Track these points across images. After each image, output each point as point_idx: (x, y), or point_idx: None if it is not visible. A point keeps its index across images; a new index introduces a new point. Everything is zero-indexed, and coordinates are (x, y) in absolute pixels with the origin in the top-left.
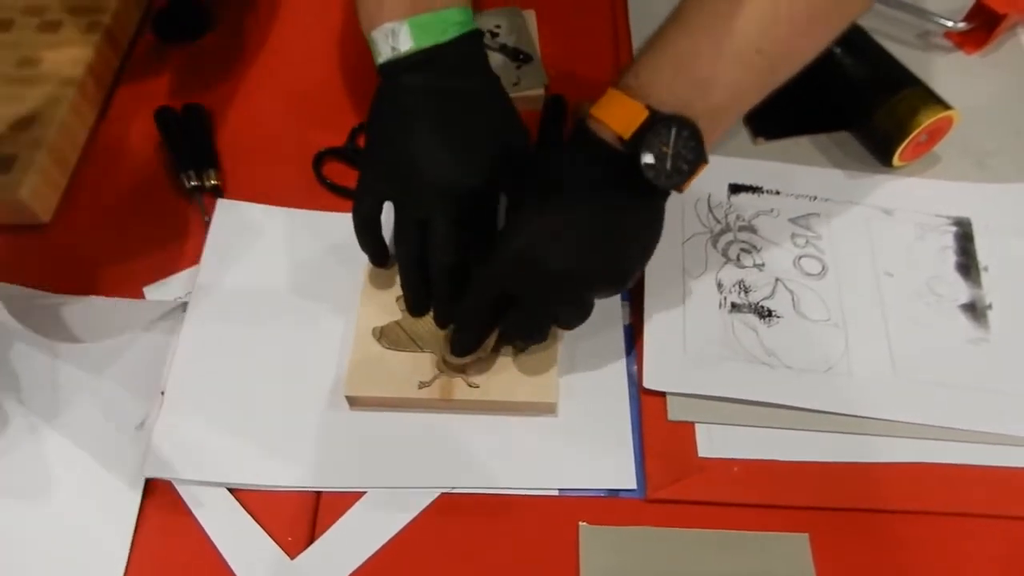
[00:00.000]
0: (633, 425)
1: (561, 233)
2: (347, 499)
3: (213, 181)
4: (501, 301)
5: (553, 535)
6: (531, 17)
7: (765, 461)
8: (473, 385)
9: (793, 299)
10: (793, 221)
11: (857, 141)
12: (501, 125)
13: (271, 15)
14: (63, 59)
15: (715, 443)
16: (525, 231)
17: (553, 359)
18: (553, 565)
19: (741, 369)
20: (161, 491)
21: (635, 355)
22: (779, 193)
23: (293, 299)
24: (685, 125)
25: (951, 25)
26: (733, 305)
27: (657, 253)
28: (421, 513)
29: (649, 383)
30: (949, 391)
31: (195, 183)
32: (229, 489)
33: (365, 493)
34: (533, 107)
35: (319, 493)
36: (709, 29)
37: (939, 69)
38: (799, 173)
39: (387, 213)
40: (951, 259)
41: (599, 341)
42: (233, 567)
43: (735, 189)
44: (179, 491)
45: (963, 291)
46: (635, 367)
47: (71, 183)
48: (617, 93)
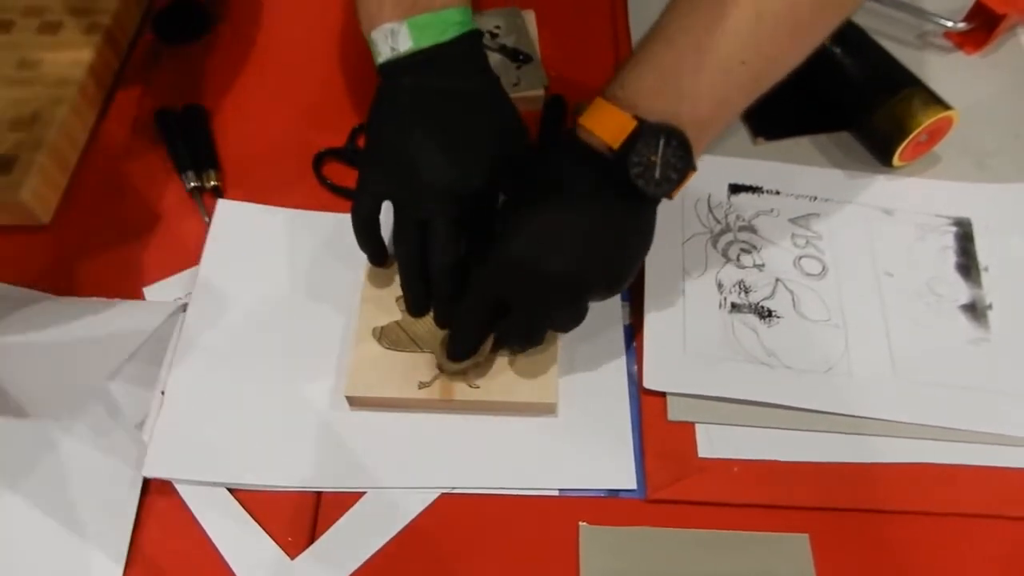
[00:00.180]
0: (633, 425)
1: (556, 238)
2: (347, 499)
3: (213, 182)
4: (497, 306)
5: (553, 535)
6: (531, 17)
7: (765, 461)
8: (473, 385)
9: (793, 299)
10: (793, 221)
11: (857, 141)
12: (501, 125)
13: (271, 16)
14: (63, 60)
15: (715, 443)
16: (520, 236)
17: (553, 359)
18: (553, 565)
19: (741, 369)
20: (161, 491)
21: (635, 355)
22: (779, 193)
23: (293, 299)
24: (673, 134)
25: (951, 25)
26: (733, 305)
27: (657, 253)
28: (421, 513)
29: (649, 383)
30: (949, 391)
31: (195, 183)
32: (229, 489)
33: (365, 493)
34: (533, 107)
35: (319, 493)
36: (693, 41)
37: (939, 69)
38: (799, 173)
39: (386, 213)
40: (951, 259)
41: (599, 341)
42: (233, 567)
43: (735, 189)
44: (179, 491)
45: (963, 291)
46: (635, 367)
47: (71, 184)
48: (605, 103)
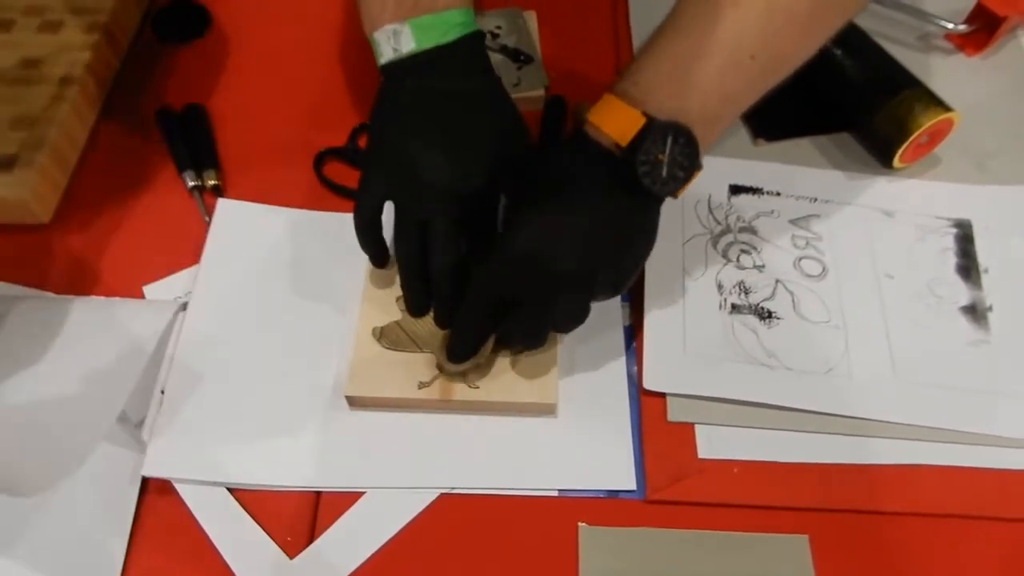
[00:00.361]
0: (633, 426)
1: (561, 236)
2: (347, 499)
3: (213, 181)
4: (499, 306)
5: (552, 536)
6: (531, 18)
7: (765, 462)
8: (473, 386)
9: (793, 300)
10: (793, 222)
11: (857, 142)
12: (502, 126)
13: (271, 15)
14: (64, 59)
15: (715, 444)
16: (525, 233)
17: (553, 360)
18: (552, 566)
19: (741, 370)
20: (160, 490)
21: (635, 356)
22: (779, 194)
23: (293, 299)
24: (681, 132)
25: (952, 27)
26: (733, 306)
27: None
28: (421, 513)
29: (649, 384)
30: (949, 393)
31: (195, 183)
32: (228, 489)
33: (364, 493)
34: (534, 108)
35: (318, 493)
36: (704, 36)
37: (940, 71)
38: (799, 174)
39: (387, 213)
40: (951, 261)
41: (599, 342)
42: (232, 567)
43: (735, 190)
44: (178, 490)
45: (963, 293)
46: (635, 368)
47: (71, 183)
48: (614, 99)
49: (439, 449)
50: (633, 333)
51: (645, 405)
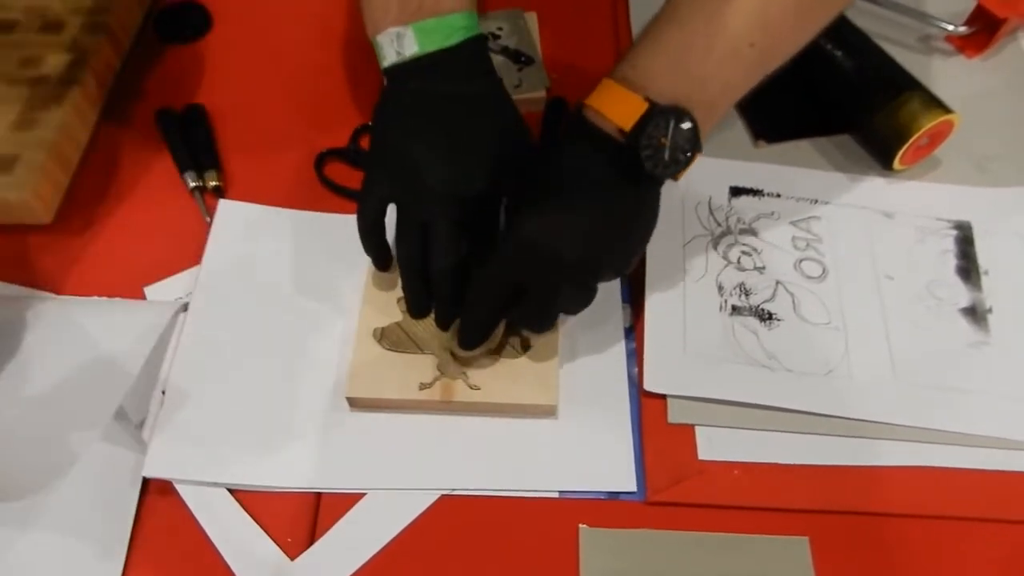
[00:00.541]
0: (633, 427)
1: (569, 222)
2: (347, 500)
3: (214, 182)
4: (508, 293)
5: (553, 537)
6: (532, 19)
7: (765, 464)
8: (474, 387)
9: (793, 302)
10: (794, 224)
11: (858, 144)
12: (504, 128)
13: (273, 15)
14: (65, 59)
15: (715, 446)
16: (534, 221)
17: (554, 361)
18: (553, 567)
19: (741, 372)
20: (161, 491)
21: (635, 357)
22: (780, 196)
23: (294, 300)
24: (683, 116)
25: (952, 29)
26: (734, 308)
27: (658, 255)
28: (421, 515)
29: (649, 385)
30: (949, 394)
31: (196, 183)
32: (229, 489)
33: (365, 494)
34: (535, 109)
35: (319, 494)
36: (704, 24)
37: (940, 73)
38: (800, 176)
39: (389, 215)
40: (951, 262)
41: (600, 343)
42: (233, 568)
43: (736, 192)
44: (179, 491)
45: (963, 294)
46: (635, 369)
47: (73, 183)
48: (614, 84)
49: (440, 450)
50: (633, 334)
51: (645, 406)
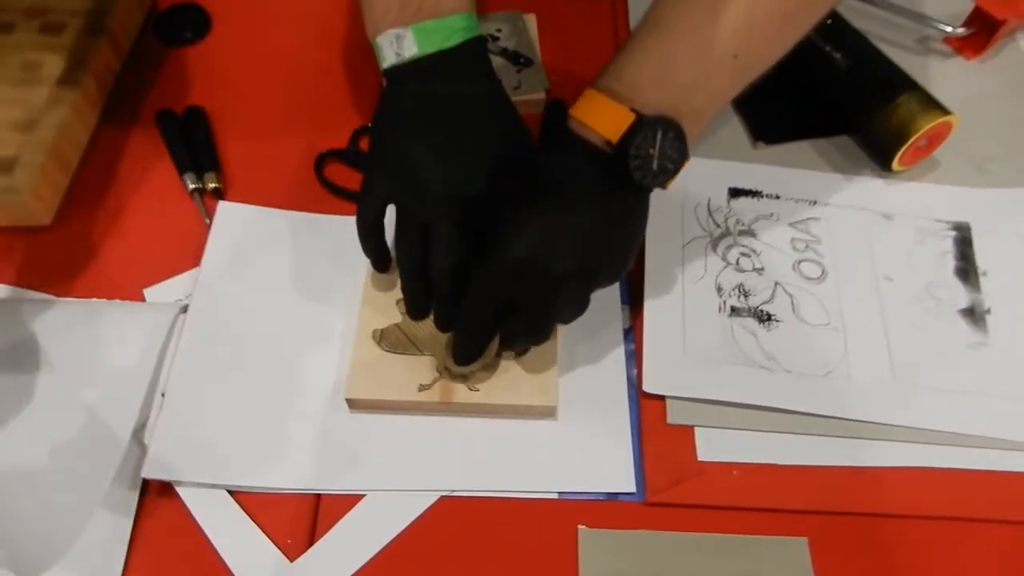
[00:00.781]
0: (632, 428)
1: (558, 237)
2: (347, 502)
3: (214, 183)
4: (501, 307)
5: (552, 538)
6: (532, 21)
7: (764, 465)
8: (473, 388)
9: (792, 303)
10: (793, 225)
11: (856, 145)
12: (504, 130)
13: (272, 17)
14: (65, 61)
15: (714, 447)
16: (523, 235)
17: (553, 362)
18: (552, 568)
19: (740, 373)
20: (160, 493)
21: (635, 359)
22: (779, 197)
23: (293, 301)
24: (670, 126)
25: (950, 30)
26: (733, 309)
27: (657, 256)
28: (421, 516)
29: (648, 387)
30: (948, 395)
31: (196, 185)
32: (229, 491)
33: (365, 496)
34: (534, 110)
35: (319, 496)
36: (688, 35)
37: (938, 74)
38: (799, 177)
39: (388, 216)
40: (950, 263)
41: (599, 344)
42: (232, 569)
43: (735, 193)
44: (178, 493)
45: (962, 295)
46: (635, 371)
47: (72, 185)
48: (599, 95)
49: (439, 451)
50: (633, 336)
51: (645, 408)
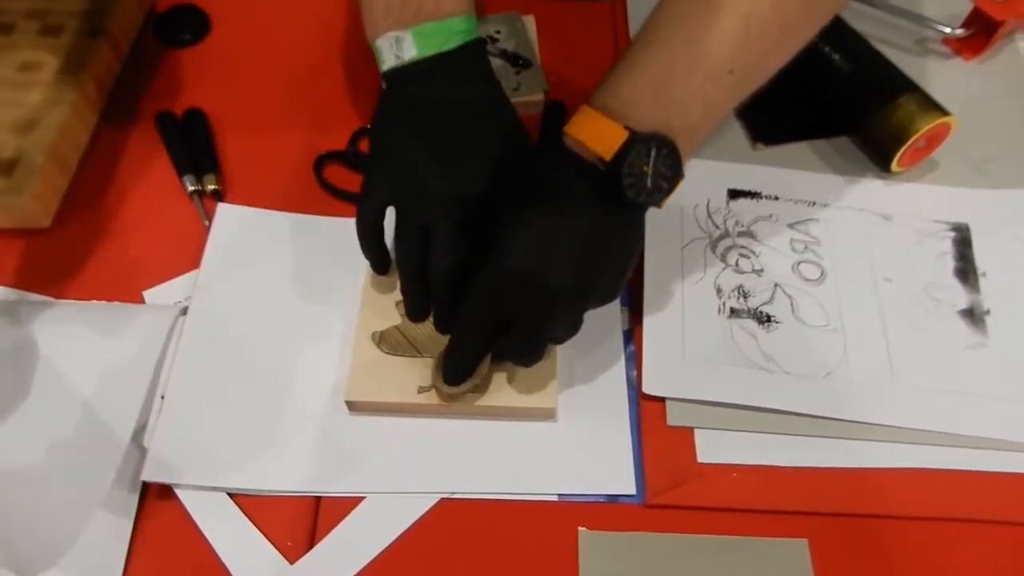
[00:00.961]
0: (632, 430)
1: (551, 253)
2: (346, 504)
3: (213, 185)
4: (493, 325)
5: (552, 540)
6: (531, 23)
7: (764, 466)
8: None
9: (792, 304)
10: (792, 226)
11: (856, 147)
12: (503, 132)
13: (272, 19)
14: (65, 63)
15: (714, 448)
16: (516, 252)
17: (552, 364)
18: (553, 570)
19: (740, 374)
20: (160, 495)
21: (634, 360)
22: (778, 198)
23: (293, 303)
24: (664, 144)
25: (949, 31)
26: (732, 310)
27: (656, 258)
28: (420, 518)
29: (648, 388)
30: (947, 396)
31: (195, 187)
32: (228, 494)
33: (365, 498)
34: (533, 112)
35: (318, 498)
36: (683, 51)
37: (937, 75)
38: (798, 178)
39: (388, 218)
40: (949, 264)
41: (598, 346)
42: (232, 572)
43: (734, 194)
44: (178, 495)
45: (961, 296)
46: (634, 372)
47: (72, 186)
48: (594, 113)
49: (439, 454)
50: (632, 337)
51: (644, 409)
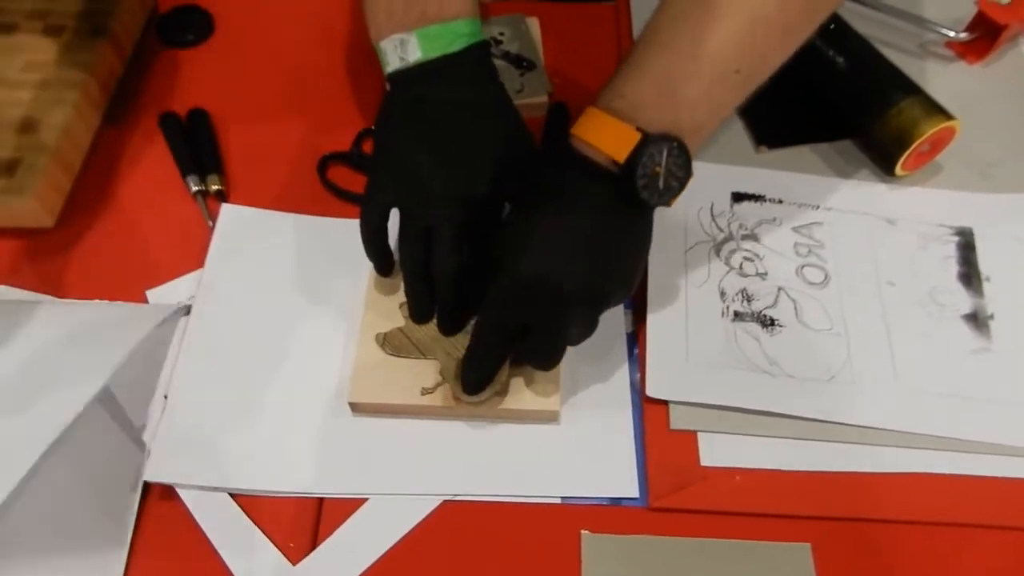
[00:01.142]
0: (635, 433)
1: (565, 258)
2: (349, 505)
3: (217, 186)
4: (510, 332)
5: (555, 543)
6: (534, 25)
7: (767, 470)
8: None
9: (795, 308)
10: (796, 230)
11: (859, 150)
12: (507, 134)
13: (275, 19)
14: (67, 63)
15: (717, 452)
16: (531, 259)
17: (556, 367)
18: (555, 573)
19: (743, 378)
20: (162, 495)
21: (637, 363)
22: (782, 202)
23: (296, 304)
24: (675, 144)
25: (953, 35)
26: (736, 314)
27: (660, 261)
28: (423, 520)
29: (651, 391)
30: (951, 401)
31: (199, 187)
32: (231, 494)
33: (367, 500)
34: (536, 114)
35: (321, 499)
36: (690, 52)
37: (941, 79)
38: (801, 182)
39: (391, 220)
40: (953, 269)
41: (602, 349)
42: (234, 573)
43: (738, 198)
44: (180, 496)
45: (965, 301)
46: (638, 375)
47: (75, 187)
48: (603, 114)
49: (442, 456)
50: (636, 341)
51: (648, 412)
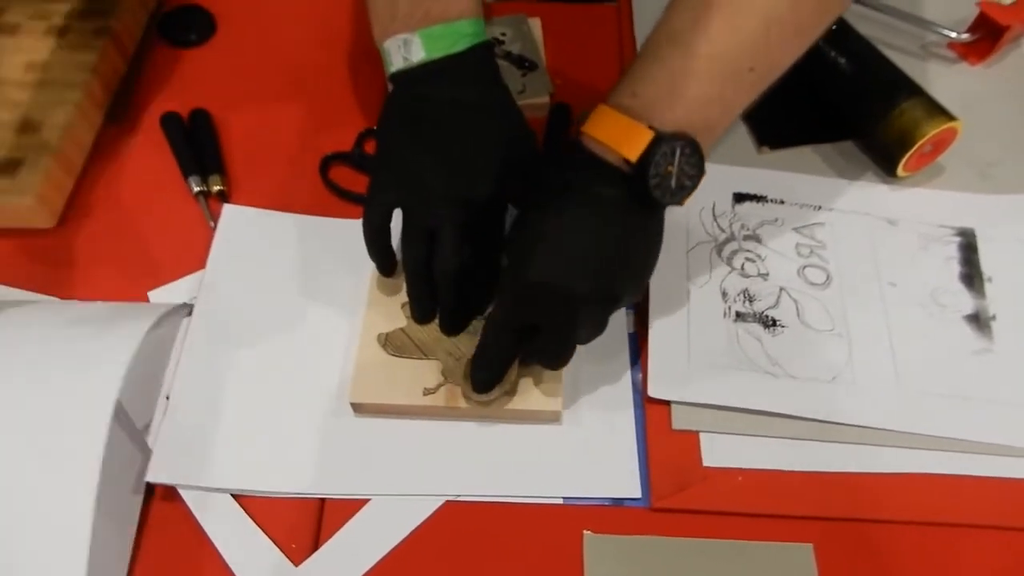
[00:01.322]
0: (638, 434)
1: (576, 258)
2: (351, 506)
3: (218, 186)
4: (520, 333)
5: (557, 544)
6: (536, 25)
7: (769, 471)
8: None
9: (797, 308)
10: (797, 230)
11: (861, 151)
12: (510, 134)
13: (277, 19)
14: (69, 63)
15: (719, 452)
16: (541, 258)
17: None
18: (558, 574)
19: (745, 378)
20: (165, 496)
21: (639, 364)
22: (783, 202)
23: (298, 305)
24: (688, 143)
25: (955, 36)
26: (737, 314)
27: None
28: (425, 521)
29: (653, 392)
30: (953, 402)
31: (200, 188)
32: (233, 495)
33: (369, 500)
34: (538, 114)
35: (323, 500)
36: (703, 51)
37: (943, 80)
38: (803, 183)
39: (394, 220)
40: (955, 269)
41: (604, 350)
42: (236, 574)
43: (739, 198)
44: (183, 496)
45: (967, 302)
46: (640, 376)
47: (77, 187)
48: (614, 113)
49: (444, 456)
50: (638, 341)
51: (650, 413)
